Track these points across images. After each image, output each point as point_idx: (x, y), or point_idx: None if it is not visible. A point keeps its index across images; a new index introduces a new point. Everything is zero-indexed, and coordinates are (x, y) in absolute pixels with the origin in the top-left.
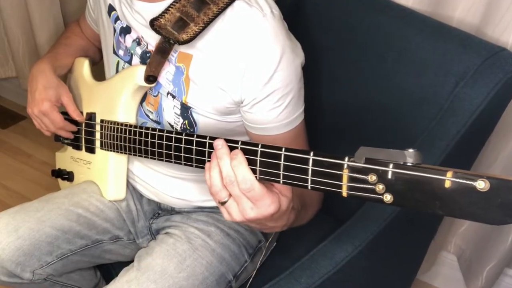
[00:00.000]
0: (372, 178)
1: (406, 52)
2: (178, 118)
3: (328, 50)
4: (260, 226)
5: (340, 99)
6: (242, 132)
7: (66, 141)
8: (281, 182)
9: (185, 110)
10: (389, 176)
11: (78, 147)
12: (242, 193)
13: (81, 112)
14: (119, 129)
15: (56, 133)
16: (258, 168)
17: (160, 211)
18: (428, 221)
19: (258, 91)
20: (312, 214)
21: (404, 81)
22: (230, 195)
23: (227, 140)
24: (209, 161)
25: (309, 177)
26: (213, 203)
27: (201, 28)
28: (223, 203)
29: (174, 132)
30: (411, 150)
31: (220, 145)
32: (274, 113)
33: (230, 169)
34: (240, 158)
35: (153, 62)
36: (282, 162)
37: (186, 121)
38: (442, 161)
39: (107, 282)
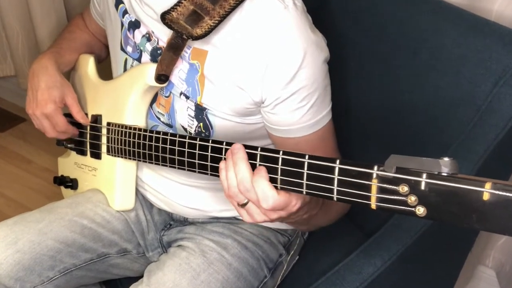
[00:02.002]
0: (404, 189)
1: (441, 48)
2: (192, 121)
3: (355, 46)
4: (282, 220)
5: (368, 100)
6: (262, 135)
7: (69, 145)
8: (304, 192)
9: (200, 112)
10: (422, 187)
11: (82, 152)
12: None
13: (86, 114)
14: (127, 133)
15: (57, 137)
16: (279, 177)
17: (172, 222)
18: (465, 233)
19: (281, 90)
20: (336, 213)
21: (438, 80)
22: None
23: (246, 146)
24: (225, 159)
25: (335, 188)
26: (230, 213)
27: (216, 21)
28: (243, 205)
29: (187, 137)
30: (446, 159)
31: (237, 149)
32: (298, 114)
33: (246, 175)
34: (262, 173)
35: (165, 59)
36: (305, 171)
37: (201, 124)
38: (479, 168)
39: None
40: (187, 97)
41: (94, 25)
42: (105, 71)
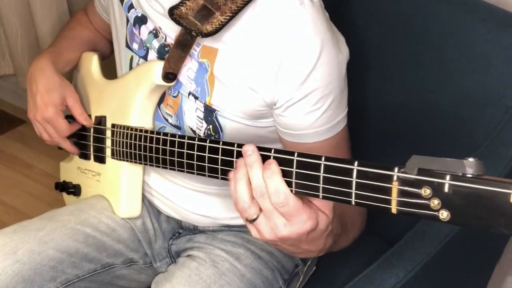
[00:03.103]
0: (426, 191)
1: (468, 45)
2: (201, 123)
3: (376, 44)
4: (293, 249)
5: (391, 100)
6: (275, 138)
7: None
8: (320, 196)
9: (209, 113)
10: (446, 189)
11: (86, 156)
12: (274, 208)
13: (89, 116)
14: (133, 135)
15: (59, 145)
16: (294, 181)
17: (181, 230)
18: (492, 241)
19: (294, 91)
20: (353, 238)
21: (465, 79)
22: (260, 210)
23: (258, 148)
24: (233, 160)
25: (353, 191)
26: (242, 221)
27: (228, 17)
28: (252, 221)
29: (196, 139)
30: (471, 159)
31: (250, 151)
32: (312, 117)
33: (261, 179)
34: (273, 168)
35: (173, 57)
36: (321, 174)
37: (211, 126)
38: (508, 172)
39: None
40: (196, 98)
41: (98, 20)
42: (109, 70)
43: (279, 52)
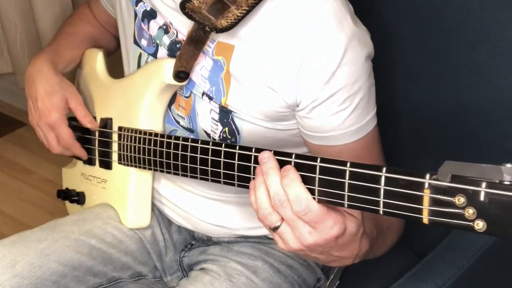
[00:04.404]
0: (460, 200)
1: (504, 41)
2: (216, 125)
3: (404, 40)
4: (324, 257)
5: (420, 100)
6: (297, 142)
7: None
8: (345, 205)
9: (225, 115)
10: (482, 198)
11: (90, 162)
12: (296, 216)
13: (94, 118)
14: (142, 139)
15: (62, 153)
16: (316, 188)
17: (194, 241)
18: None
19: (319, 91)
20: (392, 242)
21: (501, 78)
22: (282, 219)
23: (278, 153)
24: (253, 178)
25: (381, 199)
26: (260, 231)
27: (244, 11)
28: (275, 229)
29: (211, 143)
30: (509, 165)
31: (265, 158)
32: (339, 118)
33: (279, 187)
34: (292, 174)
35: (185, 54)
36: (346, 181)
37: (226, 129)
38: None
39: None
40: (210, 98)
41: (103, 15)
42: (115, 68)
43: (300, 49)
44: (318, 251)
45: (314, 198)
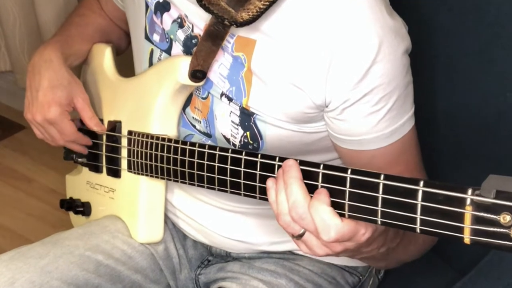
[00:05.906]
0: (506, 219)
1: None
2: (237, 129)
3: (444, 34)
4: (352, 254)
5: (461, 103)
6: (326, 147)
7: (80, 160)
8: (379, 222)
9: (247, 118)
10: None
11: (97, 169)
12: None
13: (101, 121)
14: (154, 144)
15: (65, 146)
16: (347, 203)
17: (211, 257)
18: None
19: (350, 91)
20: (417, 251)
21: None
22: None
23: (304, 163)
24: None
25: (418, 216)
26: (284, 246)
27: (267, 3)
28: (298, 237)
29: (230, 150)
30: None
31: (288, 166)
32: (373, 120)
33: (299, 199)
34: (323, 197)
35: (202, 51)
36: (380, 195)
37: (248, 133)
38: None
39: None
40: (230, 99)
41: (111, 8)
42: (125, 66)
43: (329, 44)
44: (348, 254)
45: (343, 215)
